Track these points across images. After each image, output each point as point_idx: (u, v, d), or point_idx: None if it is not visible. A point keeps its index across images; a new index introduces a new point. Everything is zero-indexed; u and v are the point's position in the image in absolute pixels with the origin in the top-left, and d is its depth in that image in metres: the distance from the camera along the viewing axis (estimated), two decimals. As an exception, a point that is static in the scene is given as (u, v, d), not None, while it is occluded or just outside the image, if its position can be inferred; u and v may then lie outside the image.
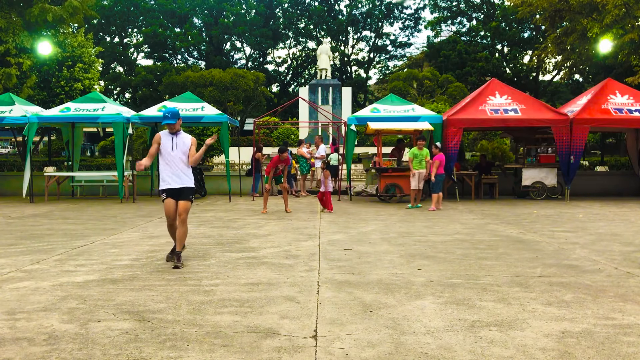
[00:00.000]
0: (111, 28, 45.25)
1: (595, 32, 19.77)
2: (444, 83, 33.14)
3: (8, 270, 5.78)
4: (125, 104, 41.09)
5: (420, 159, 12.46)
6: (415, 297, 4.70)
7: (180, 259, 5.99)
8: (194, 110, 14.28)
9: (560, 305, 4.45)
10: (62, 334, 3.75)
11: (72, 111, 14.31)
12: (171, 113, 6.00)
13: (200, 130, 19.84)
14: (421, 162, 12.47)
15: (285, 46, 50.78)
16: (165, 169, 6.04)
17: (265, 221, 10.03)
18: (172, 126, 6.00)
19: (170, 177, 6.02)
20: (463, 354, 3.39)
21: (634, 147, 16.27)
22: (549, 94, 42.70)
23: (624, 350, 3.46)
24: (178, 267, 5.89)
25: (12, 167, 19.90)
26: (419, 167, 12.44)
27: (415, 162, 12.44)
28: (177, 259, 5.97)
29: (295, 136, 30.14)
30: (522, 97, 14.82)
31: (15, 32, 16.39)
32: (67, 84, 21.87)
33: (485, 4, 43.76)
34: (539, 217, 10.54)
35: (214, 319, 4.09)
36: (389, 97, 15.89)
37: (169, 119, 5.96)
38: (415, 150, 12.57)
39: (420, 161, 12.46)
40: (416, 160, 12.45)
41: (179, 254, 6.02)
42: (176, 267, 5.89)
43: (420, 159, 12.47)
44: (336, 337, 3.68)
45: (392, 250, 6.97)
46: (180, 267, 5.90)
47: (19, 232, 8.66)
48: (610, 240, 7.76)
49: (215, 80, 31.13)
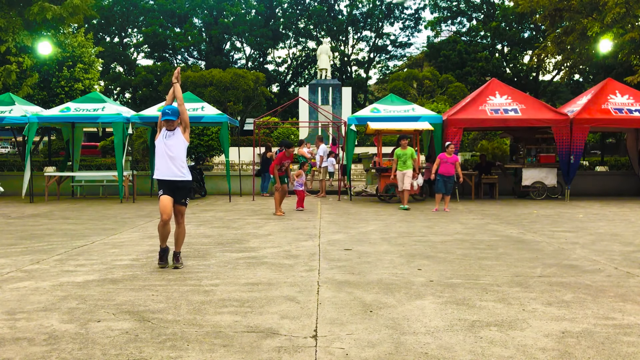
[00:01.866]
0: (111, 28, 45.28)
1: (595, 31, 19.77)
2: (444, 83, 33.15)
3: (8, 270, 5.78)
4: (125, 104, 41.12)
5: (404, 159, 12.16)
6: (415, 297, 4.70)
7: (179, 259, 5.94)
8: (194, 110, 14.27)
9: (560, 305, 4.45)
10: (62, 334, 3.75)
11: (72, 111, 14.31)
12: (172, 110, 5.78)
13: (200, 130, 19.83)
14: (406, 162, 12.15)
15: (285, 46, 50.84)
16: (159, 156, 5.79)
17: (265, 221, 10.03)
18: (171, 123, 5.78)
19: (162, 167, 5.77)
20: (463, 354, 3.39)
21: (634, 147, 16.27)
22: (549, 94, 42.73)
23: (624, 350, 3.46)
24: (178, 267, 5.86)
25: (12, 167, 19.88)
26: (404, 167, 12.15)
27: (400, 162, 12.19)
28: (175, 259, 5.93)
29: (295, 136, 30.14)
30: (522, 97, 14.82)
31: (15, 31, 16.38)
32: (67, 84, 21.87)
33: (485, 4, 43.78)
34: (539, 217, 10.54)
35: (214, 319, 4.09)
36: (389, 97, 15.89)
37: (169, 115, 5.74)
38: (398, 150, 12.31)
39: (405, 161, 12.16)
40: (400, 161, 12.18)
41: (177, 255, 5.95)
42: (176, 267, 5.87)
43: (405, 159, 12.16)
44: (336, 337, 3.68)
45: (392, 250, 6.97)
46: (180, 267, 5.88)
47: (19, 232, 8.66)
48: (610, 240, 7.75)
49: (215, 80, 31.14)
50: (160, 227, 5.85)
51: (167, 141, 5.78)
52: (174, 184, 5.82)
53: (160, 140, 5.81)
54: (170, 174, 5.78)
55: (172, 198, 5.80)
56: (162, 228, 5.83)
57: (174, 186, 5.83)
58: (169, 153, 5.76)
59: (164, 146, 5.78)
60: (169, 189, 5.82)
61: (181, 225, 5.97)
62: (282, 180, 10.91)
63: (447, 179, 11.76)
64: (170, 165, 5.77)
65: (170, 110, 5.78)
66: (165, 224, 5.78)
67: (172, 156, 5.76)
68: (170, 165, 5.77)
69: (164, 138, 5.79)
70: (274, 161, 11.01)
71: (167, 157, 5.77)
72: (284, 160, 10.83)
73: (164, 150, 5.78)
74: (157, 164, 5.85)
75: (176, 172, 5.79)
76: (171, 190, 5.82)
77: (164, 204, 5.75)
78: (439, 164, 11.83)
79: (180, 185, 5.86)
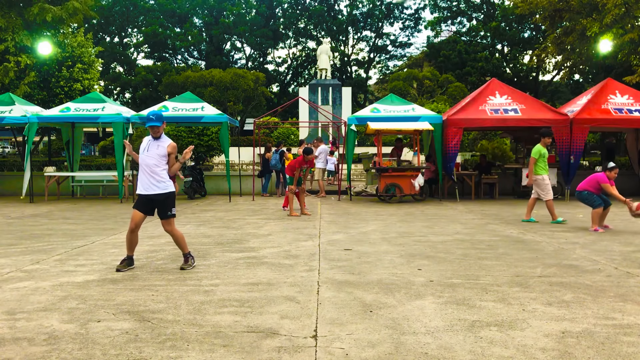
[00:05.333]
0: (111, 28, 45.27)
1: (595, 31, 19.76)
2: (444, 83, 33.17)
3: (8, 270, 5.78)
4: (125, 104, 41.10)
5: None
6: (415, 297, 4.70)
7: (188, 260, 5.88)
8: (194, 110, 14.27)
9: (560, 305, 4.45)
10: (62, 334, 3.75)
11: (72, 111, 14.31)
12: (156, 115, 5.60)
13: (200, 130, 19.83)
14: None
15: (285, 46, 50.84)
16: (139, 171, 5.74)
17: (265, 221, 10.03)
18: (155, 129, 5.60)
19: (141, 181, 5.70)
20: (463, 354, 3.39)
21: (634, 147, 16.26)
22: (549, 94, 42.73)
23: (624, 350, 3.46)
24: (184, 268, 5.81)
25: (12, 167, 19.88)
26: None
27: (542, 162, 10.09)
28: (185, 260, 5.88)
29: (295, 136, 30.14)
30: (522, 97, 14.81)
31: (14, 31, 16.38)
32: (67, 84, 21.86)
33: (485, 4, 43.76)
34: (538, 217, 10.54)
35: (214, 319, 4.09)
36: (389, 97, 15.89)
37: (152, 121, 5.57)
38: (543, 149, 10.08)
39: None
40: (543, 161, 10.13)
41: (187, 256, 5.90)
42: (182, 268, 5.82)
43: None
44: (336, 337, 3.68)
45: (392, 250, 6.97)
46: (186, 268, 5.81)
47: (19, 232, 8.66)
48: (610, 240, 7.75)
49: (215, 80, 31.14)
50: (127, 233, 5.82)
51: (143, 155, 5.65)
52: (149, 199, 5.72)
53: (140, 154, 5.70)
54: (145, 190, 5.68)
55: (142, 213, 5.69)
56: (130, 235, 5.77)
57: (150, 202, 5.73)
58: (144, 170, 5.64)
59: (141, 160, 5.67)
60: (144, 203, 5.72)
61: (173, 232, 5.84)
62: (298, 182, 11.10)
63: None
64: (147, 183, 5.66)
65: (155, 115, 5.64)
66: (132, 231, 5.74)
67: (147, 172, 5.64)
68: (147, 183, 5.66)
69: (142, 152, 5.67)
70: (293, 164, 11.03)
71: (144, 172, 5.66)
72: (303, 165, 10.97)
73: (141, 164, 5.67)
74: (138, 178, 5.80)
75: (150, 188, 5.67)
76: (147, 204, 5.72)
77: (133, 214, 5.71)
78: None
79: (158, 202, 5.74)
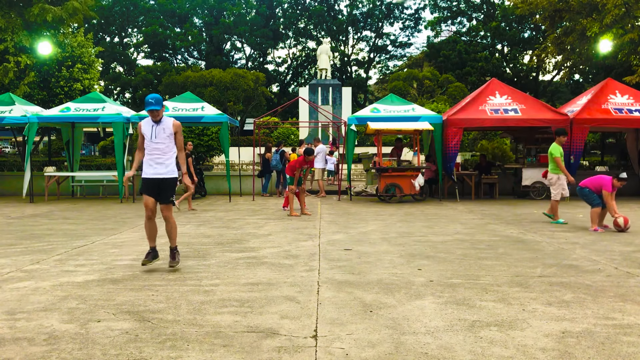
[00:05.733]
0: (111, 28, 45.27)
1: (595, 31, 19.77)
2: (444, 83, 33.18)
3: (8, 270, 5.78)
4: (125, 104, 41.11)
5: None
6: (415, 297, 4.69)
7: (175, 257, 5.74)
8: (194, 110, 14.28)
9: (560, 305, 4.44)
10: (62, 334, 3.75)
11: (72, 111, 14.32)
12: (155, 99, 5.54)
13: (200, 130, 19.82)
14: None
15: (285, 46, 50.85)
16: (145, 158, 5.66)
17: (265, 221, 10.03)
18: (155, 113, 5.56)
19: (148, 165, 5.62)
20: (463, 354, 3.39)
21: (634, 147, 16.26)
22: (549, 94, 42.73)
23: (624, 350, 3.46)
24: (172, 266, 5.68)
25: (12, 167, 19.89)
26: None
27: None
28: (172, 256, 5.74)
29: (295, 136, 30.14)
30: (522, 97, 14.81)
31: (14, 31, 16.38)
32: (67, 84, 21.86)
33: (485, 4, 43.78)
34: (537, 215, 10.53)
35: (214, 319, 4.08)
36: (389, 97, 15.89)
37: (152, 104, 5.51)
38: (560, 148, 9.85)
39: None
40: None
41: (173, 251, 5.78)
42: (171, 266, 5.68)
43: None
44: (336, 337, 3.68)
45: (392, 250, 6.97)
46: (175, 266, 5.69)
47: (19, 232, 8.66)
48: (610, 240, 7.75)
49: (215, 80, 31.14)
50: (145, 224, 5.86)
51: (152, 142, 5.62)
52: (156, 181, 5.68)
53: (146, 141, 5.66)
54: (153, 174, 5.66)
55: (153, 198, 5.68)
56: (148, 223, 5.80)
57: (156, 185, 5.68)
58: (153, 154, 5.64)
59: (149, 146, 5.65)
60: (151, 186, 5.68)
61: (168, 220, 5.76)
62: (298, 182, 11.13)
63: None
64: (155, 165, 5.64)
65: (154, 99, 5.58)
66: (149, 218, 5.76)
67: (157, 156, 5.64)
68: (155, 165, 5.64)
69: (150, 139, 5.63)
70: (294, 164, 11.06)
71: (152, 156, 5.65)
72: (303, 165, 11.00)
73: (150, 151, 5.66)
74: (143, 164, 5.74)
75: (159, 169, 5.65)
76: (154, 188, 5.68)
77: (145, 201, 5.70)
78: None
79: (163, 186, 5.69)
